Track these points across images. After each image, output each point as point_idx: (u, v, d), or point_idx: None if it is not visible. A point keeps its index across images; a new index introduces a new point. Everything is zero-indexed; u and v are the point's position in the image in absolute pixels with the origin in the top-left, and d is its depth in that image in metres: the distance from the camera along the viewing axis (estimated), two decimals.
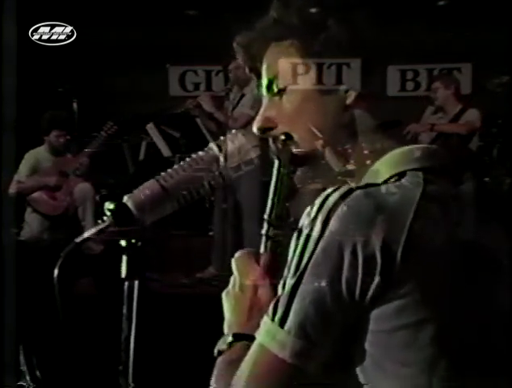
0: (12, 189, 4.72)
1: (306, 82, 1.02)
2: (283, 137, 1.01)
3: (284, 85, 1.03)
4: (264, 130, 1.05)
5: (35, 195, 4.81)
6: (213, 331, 1.05)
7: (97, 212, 4.77)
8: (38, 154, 4.92)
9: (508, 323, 0.92)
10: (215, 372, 0.98)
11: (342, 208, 0.87)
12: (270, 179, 1.01)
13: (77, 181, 4.87)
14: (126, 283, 1.04)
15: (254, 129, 1.06)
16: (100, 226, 1.03)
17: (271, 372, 0.89)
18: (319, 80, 1.02)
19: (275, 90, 1.04)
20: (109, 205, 1.02)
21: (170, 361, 2.99)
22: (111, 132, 4.95)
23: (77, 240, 1.04)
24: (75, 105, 5.32)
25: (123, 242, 1.04)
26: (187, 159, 1.04)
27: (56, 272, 1.02)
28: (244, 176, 1.07)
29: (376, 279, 0.85)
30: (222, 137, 1.06)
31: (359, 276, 0.85)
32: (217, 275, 4.61)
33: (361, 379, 0.90)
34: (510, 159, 4.99)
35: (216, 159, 1.04)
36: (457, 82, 5.01)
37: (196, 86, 6.80)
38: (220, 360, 0.98)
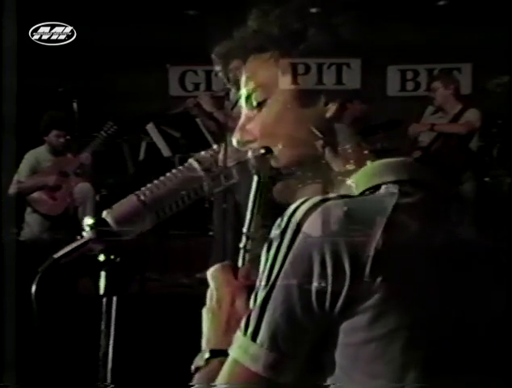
0: (12, 189, 4.72)
1: (287, 93, 1.02)
2: (262, 151, 1.01)
3: (264, 98, 1.03)
4: (244, 143, 1.05)
5: (35, 195, 4.81)
6: None
7: (97, 212, 4.77)
8: (38, 154, 4.92)
9: (480, 330, 0.91)
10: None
11: (312, 219, 0.87)
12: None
13: (77, 181, 4.87)
14: (104, 299, 1.03)
15: (234, 142, 1.06)
16: (80, 242, 1.03)
17: (246, 386, 0.89)
18: (318, 82, 1.02)
19: (255, 103, 1.04)
20: (88, 220, 1.02)
21: (169, 361, 2.99)
22: (111, 132, 4.95)
23: (56, 256, 1.03)
24: (75, 105, 5.32)
25: (101, 258, 1.03)
26: (168, 174, 1.04)
27: (33, 287, 1.01)
28: (244, 177, 1.07)
29: (345, 290, 0.85)
30: (202, 153, 1.06)
31: (329, 286, 0.85)
32: None
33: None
34: (510, 159, 4.99)
35: (196, 175, 1.04)
36: (457, 82, 5.01)
37: (196, 86, 6.79)
38: (197, 376, 0.98)
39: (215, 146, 1.07)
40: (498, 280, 0.93)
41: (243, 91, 1.06)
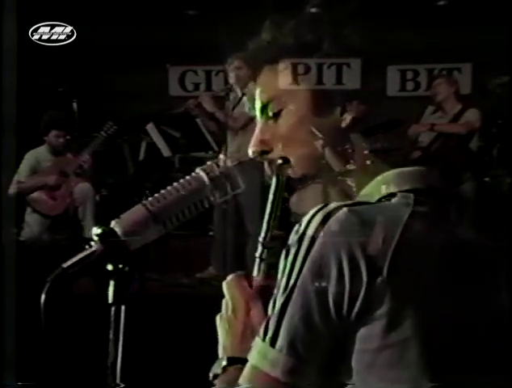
0: (12, 189, 4.72)
1: (302, 103, 1.02)
2: (280, 161, 1.01)
3: (279, 108, 1.03)
4: (260, 153, 1.05)
5: (35, 195, 4.81)
6: (213, 332, 1.04)
7: (97, 212, 4.78)
8: (38, 154, 4.92)
9: (497, 335, 0.92)
10: None
11: (328, 225, 0.88)
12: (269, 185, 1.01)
13: (77, 181, 4.87)
14: (113, 308, 1.03)
15: (250, 153, 1.06)
16: (88, 251, 1.03)
17: None
18: (318, 82, 1.02)
19: (270, 113, 1.04)
20: (96, 230, 1.02)
21: (170, 361, 2.99)
22: (111, 132, 4.95)
23: (65, 265, 1.03)
24: (75, 105, 5.32)
25: (110, 267, 1.03)
26: (175, 184, 1.04)
27: (43, 297, 1.01)
28: (244, 177, 1.07)
29: (362, 296, 0.85)
30: (209, 163, 1.06)
31: (346, 292, 0.86)
32: (217, 275, 4.61)
33: None
34: (510, 159, 4.98)
35: (203, 184, 1.04)
36: (457, 82, 5.02)
37: (196, 86, 6.79)
38: (215, 383, 0.99)
39: (221, 156, 1.07)
40: (507, 281, 0.93)
41: (257, 102, 1.06)
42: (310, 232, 0.89)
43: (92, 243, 1.03)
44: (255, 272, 1.02)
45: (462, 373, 0.89)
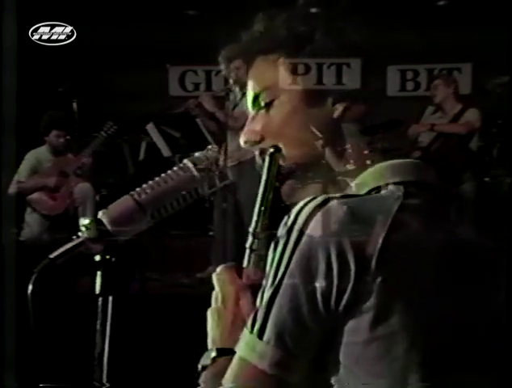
0: (12, 189, 4.72)
1: (294, 93, 1.02)
2: (271, 150, 1.02)
3: (271, 98, 1.03)
4: (251, 143, 1.06)
5: (35, 195, 4.81)
6: None
7: (97, 212, 4.77)
8: (39, 154, 4.92)
9: (486, 331, 0.91)
10: (200, 386, 0.99)
11: (317, 218, 0.88)
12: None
13: (77, 181, 4.87)
14: (100, 299, 1.03)
15: (241, 142, 1.06)
16: (75, 242, 1.04)
17: (252, 384, 0.89)
18: (318, 82, 1.02)
19: (262, 103, 1.05)
20: (84, 221, 1.02)
21: (170, 361, 2.99)
22: (111, 132, 4.95)
23: (52, 256, 1.04)
24: (75, 105, 5.32)
25: (97, 258, 1.04)
26: (163, 175, 1.04)
27: (30, 287, 1.02)
28: (244, 176, 1.08)
29: (350, 288, 0.85)
30: (197, 154, 1.06)
31: (334, 285, 0.86)
32: None
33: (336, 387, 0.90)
34: (510, 159, 4.98)
35: (191, 176, 1.04)
36: (456, 82, 5.02)
37: (196, 86, 6.79)
38: (204, 375, 0.99)
39: (209, 146, 1.07)
40: (498, 280, 0.93)
41: (250, 93, 1.06)
42: (299, 224, 0.88)
43: (79, 234, 1.03)
44: (245, 263, 1.03)
45: (450, 370, 0.88)
